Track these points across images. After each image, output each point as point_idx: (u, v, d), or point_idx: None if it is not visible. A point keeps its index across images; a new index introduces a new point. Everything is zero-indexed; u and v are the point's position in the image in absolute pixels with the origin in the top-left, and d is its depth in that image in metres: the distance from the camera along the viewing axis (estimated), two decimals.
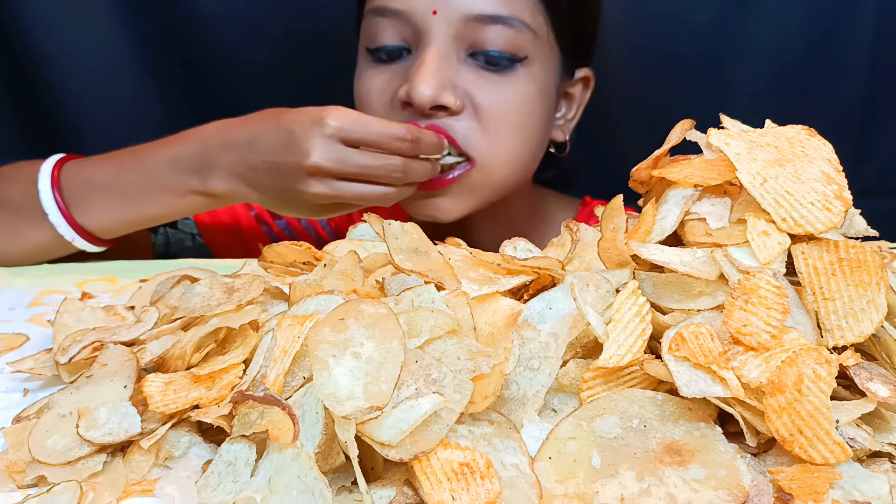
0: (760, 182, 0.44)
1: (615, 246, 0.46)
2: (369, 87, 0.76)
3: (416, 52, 0.74)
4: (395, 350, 0.38)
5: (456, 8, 0.71)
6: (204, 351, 0.46)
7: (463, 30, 0.72)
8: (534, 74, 0.75)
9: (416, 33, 0.73)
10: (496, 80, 0.74)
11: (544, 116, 0.79)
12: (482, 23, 0.72)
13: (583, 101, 0.86)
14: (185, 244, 0.88)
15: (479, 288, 0.43)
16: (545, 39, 0.76)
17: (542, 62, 0.76)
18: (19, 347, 0.56)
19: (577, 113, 0.86)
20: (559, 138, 0.85)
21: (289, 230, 0.91)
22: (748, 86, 0.99)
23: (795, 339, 0.40)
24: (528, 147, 0.78)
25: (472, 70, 0.73)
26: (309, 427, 0.37)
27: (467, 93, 0.73)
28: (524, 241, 0.48)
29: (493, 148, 0.74)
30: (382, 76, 0.76)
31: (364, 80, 0.77)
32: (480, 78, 0.73)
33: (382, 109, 0.75)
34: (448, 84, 0.72)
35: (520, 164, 0.78)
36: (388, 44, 0.75)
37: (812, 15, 0.96)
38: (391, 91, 0.74)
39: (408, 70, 0.73)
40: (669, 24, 0.95)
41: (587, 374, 0.41)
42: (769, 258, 0.43)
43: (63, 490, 0.38)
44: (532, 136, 0.78)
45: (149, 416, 0.42)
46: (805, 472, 0.36)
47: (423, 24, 0.72)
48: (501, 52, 0.73)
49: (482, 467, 0.36)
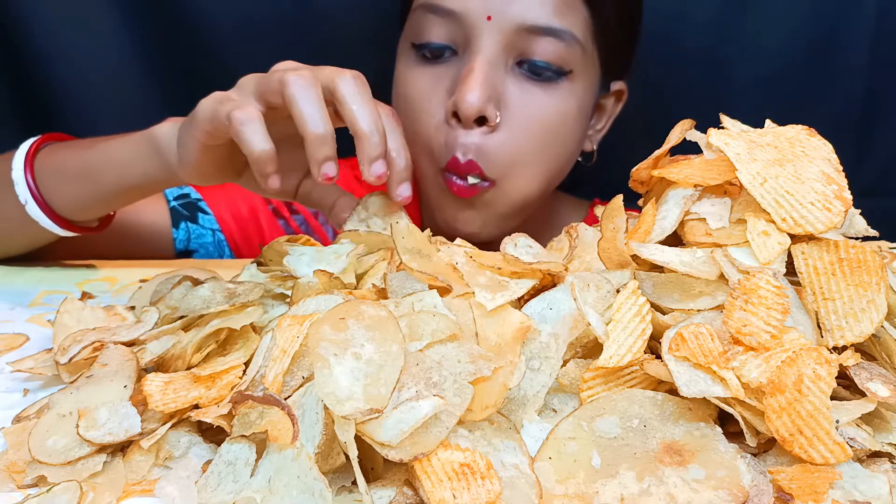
0: (760, 182, 0.44)
1: (615, 246, 0.46)
2: (416, 88, 0.76)
3: (462, 55, 0.73)
4: (395, 353, 0.38)
5: (511, 17, 0.71)
6: (205, 351, 0.46)
7: (514, 39, 0.71)
8: (575, 89, 0.75)
9: (466, 36, 0.72)
10: (538, 92, 0.73)
11: (579, 133, 0.79)
12: (534, 34, 0.71)
13: (613, 112, 0.86)
14: (204, 239, 0.88)
15: (492, 297, 0.43)
16: (591, 55, 0.76)
17: (585, 77, 0.76)
18: (19, 347, 0.56)
19: (607, 125, 0.86)
20: (588, 149, 0.85)
21: (305, 225, 0.92)
22: (748, 86, 0.99)
23: (795, 339, 0.40)
24: (557, 162, 0.78)
25: (517, 80, 0.73)
26: (309, 427, 0.37)
27: (508, 104, 0.73)
28: (524, 236, 0.48)
29: (515, 167, 0.74)
30: (427, 76, 0.75)
31: (409, 79, 0.77)
32: (523, 89, 0.73)
33: (430, 115, 0.74)
34: (493, 95, 0.71)
35: (544, 180, 0.78)
36: (434, 41, 0.74)
37: (812, 15, 0.96)
38: (437, 97, 0.74)
39: (453, 73, 0.73)
40: (669, 24, 0.95)
41: (587, 374, 0.41)
42: (769, 258, 0.43)
43: (63, 490, 0.38)
44: (563, 151, 0.78)
45: (149, 416, 0.42)
46: (805, 472, 0.36)
47: (475, 28, 0.71)
48: (549, 64, 0.72)
49: (482, 468, 0.36)
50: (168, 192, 0.86)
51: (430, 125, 0.74)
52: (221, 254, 0.89)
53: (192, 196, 0.87)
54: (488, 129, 0.72)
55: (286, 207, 0.91)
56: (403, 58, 0.78)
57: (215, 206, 0.88)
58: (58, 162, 0.68)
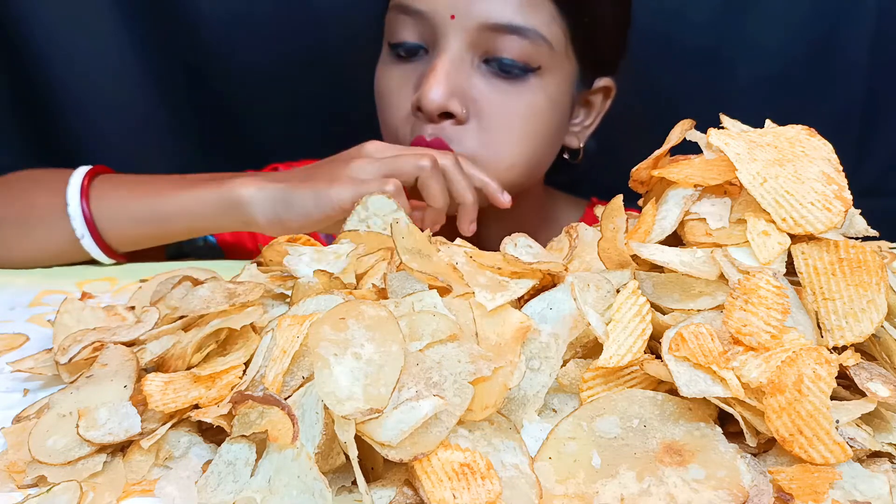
0: (760, 182, 0.44)
1: (615, 246, 0.46)
2: (387, 84, 0.79)
3: (432, 53, 0.75)
4: (394, 354, 0.38)
5: (474, 15, 0.72)
6: (205, 351, 0.46)
7: (478, 37, 0.73)
8: (545, 84, 0.76)
9: (433, 35, 0.74)
10: (506, 88, 0.75)
11: (553, 125, 0.80)
12: (498, 31, 0.72)
13: (602, 109, 0.87)
14: (196, 243, 0.88)
15: (492, 297, 0.43)
16: (562, 51, 0.77)
17: (556, 73, 0.77)
18: (19, 347, 0.56)
19: (596, 120, 0.87)
20: (573, 145, 0.86)
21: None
22: (748, 86, 0.99)
23: (795, 339, 0.40)
24: (533, 154, 0.79)
25: (484, 77, 0.75)
26: (309, 427, 0.37)
27: (475, 100, 0.74)
28: (524, 236, 0.48)
29: (492, 154, 0.75)
30: (399, 74, 0.77)
31: (383, 76, 0.80)
32: (490, 85, 0.75)
33: (397, 108, 0.77)
34: (457, 91, 0.73)
35: (522, 170, 0.79)
36: (407, 41, 0.76)
37: (812, 15, 0.96)
38: (405, 92, 0.76)
39: (422, 71, 0.75)
40: (669, 24, 0.95)
41: (587, 374, 0.41)
42: (769, 258, 0.43)
43: (63, 490, 0.38)
44: (538, 144, 0.79)
45: (149, 416, 0.42)
46: (805, 472, 0.36)
47: (440, 27, 0.73)
48: (514, 61, 0.74)
49: (482, 468, 0.36)
50: None
51: (397, 117, 0.77)
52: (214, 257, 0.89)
53: None
54: (456, 122, 0.74)
55: None
56: (382, 57, 0.81)
57: None
58: (120, 202, 0.71)
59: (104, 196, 0.71)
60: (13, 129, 1.02)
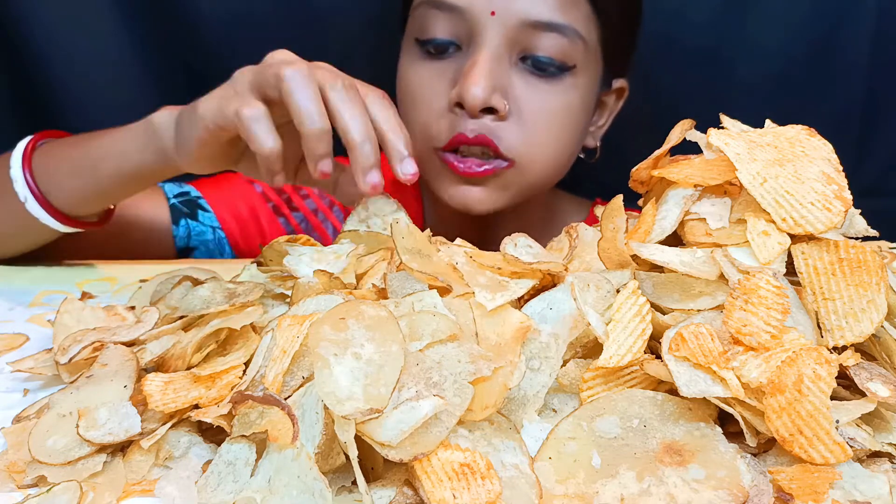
0: (760, 182, 0.44)
1: (615, 246, 0.46)
2: (418, 82, 0.76)
3: (466, 50, 0.74)
4: (394, 354, 0.38)
5: (515, 12, 0.71)
6: (205, 351, 0.46)
7: (518, 34, 0.72)
8: (578, 84, 0.76)
9: (469, 32, 0.73)
10: (543, 86, 0.74)
11: (582, 125, 0.80)
12: (538, 29, 0.72)
13: (614, 109, 0.87)
14: (205, 236, 0.88)
15: (492, 297, 0.43)
16: (594, 51, 0.77)
17: (588, 73, 0.77)
18: (19, 347, 0.56)
19: (608, 121, 0.87)
20: (590, 145, 0.86)
21: (305, 223, 0.92)
22: (748, 86, 0.99)
23: (795, 339, 0.40)
24: (565, 153, 0.79)
25: (521, 75, 0.74)
26: (309, 427, 0.37)
27: (514, 97, 0.73)
28: (524, 236, 0.48)
29: (532, 151, 0.75)
30: (431, 71, 0.76)
31: (412, 73, 0.77)
32: (528, 84, 0.74)
33: (431, 106, 0.75)
34: (499, 87, 0.72)
35: (554, 168, 0.79)
36: (438, 37, 0.74)
37: (812, 15, 0.96)
38: (440, 88, 0.74)
39: (456, 68, 0.74)
40: (670, 24, 0.95)
41: (587, 374, 0.41)
42: (769, 258, 0.43)
43: (63, 490, 0.38)
44: (569, 143, 0.79)
45: (149, 416, 0.42)
46: (805, 472, 0.36)
47: (479, 23, 0.72)
48: (552, 59, 0.73)
49: (482, 468, 0.36)
50: (168, 190, 0.86)
51: (430, 112, 0.75)
52: (222, 251, 0.89)
53: (192, 194, 0.87)
54: (498, 118, 0.73)
55: (286, 205, 0.91)
56: (407, 53, 0.79)
57: (215, 204, 0.88)
58: (56, 158, 0.68)
59: (45, 156, 0.68)
60: (13, 129, 1.02)
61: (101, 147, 0.67)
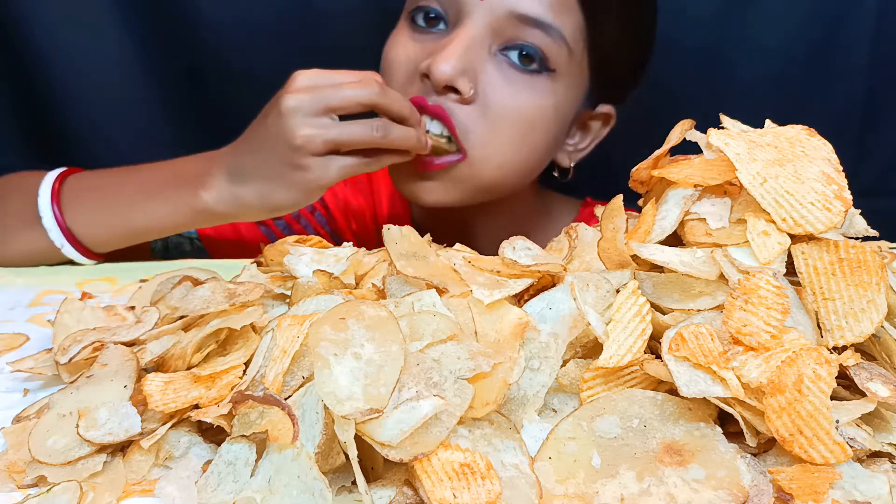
0: (760, 182, 0.44)
1: (615, 246, 0.46)
2: (399, 51, 0.77)
3: (451, 30, 0.74)
4: (395, 354, 0.38)
5: (504, 2, 0.72)
6: (205, 351, 0.46)
7: (503, 24, 0.72)
8: (556, 89, 0.75)
9: (457, 12, 0.73)
10: (517, 80, 0.74)
11: (552, 133, 0.79)
12: (524, 23, 0.72)
13: (598, 135, 0.86)
14: (183, 248, 0.88)
15: (490, 293, 0.43)
16: (578, 62, 0.76)
17: (568, 81, 0.76)
18: (19, 347, 0.56)
19: (590, 146, 0.86)
20: (564, 163, 0.85)
21: (288, 230, 0.91)
22: (748, 85, 0.99)
23: (795, 339, 0.40)
24: (527, 157, 0.78)
25: (498, 65, 0.73)
26: (309, 427, 0.37)
27: (484, 86, 0.73)
28: (523, 239, 0.48)
29: (488, 146, 0.74)
30: (413, 43, 0.76)
31: (395, 42, 0.78)
32: (502, 74, 0.73)
33: (403, 76, 0.75)
34: (469, 70, 0.72)
35: (512, 171, 0.77)
36: (430, 5, 0.75)
37: (812, 15, 0.96)
38: (415, 59, 0.75)
39: (438, 44, 0.74)
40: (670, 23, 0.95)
41: (587, 374, 0.41)
42: (769, 258, 0.43)
43: (63, 490, 0.38)
44: (533, 147, 0.77)
45: (149, 416, 0.42)
46: (805, 472, 0.36)
47: (467, 5, 0.72)
48: (535, 50, 0.73)
49: (482, 468, 0.36)
50: None
51: (400, 80, 0.75)
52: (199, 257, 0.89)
53: None
54: (460, 99, 0.73)
55: None
56: (399, 27, 0.79)
57: None
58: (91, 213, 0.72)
59: (74, 205, 0.72)
60: (13, 129, 1.02)
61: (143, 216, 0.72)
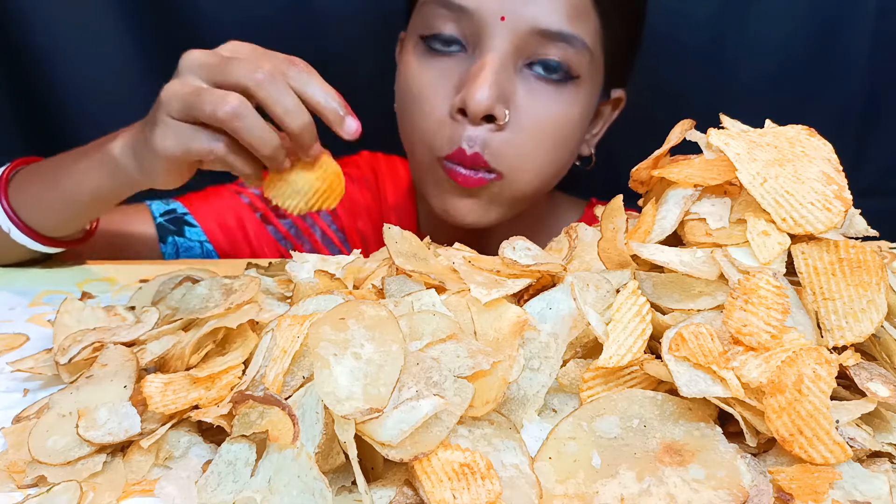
0: (760, 182, 0.44)
1: (615, 246, 0.46)
2: (421, 82, 0.76)
3: (472, 52, 0.74)
4: (394, 353, 0.38)
5: (525, 19, 0.71)
6: (203, 351, 0.46)
7: (526, 41, 0.72)
8: (580, 95, 0.76)
9: (476, 34, 0.72)
10: (545, 93, 0.74)
11: (578, 137, 0.80)
12: (546, 38, 0.72)
13: (609, 119, 0.87)
14: (193, 252, 0.88)
15: (488, 292, 0.43)
16: (598, 63, 0.77)
17: (590, 84, 0.77)
18: (19, 347, 0.56)
19: (602, 130, 0.87)
20: (585, 153, 0.86)
21: (294, 229, 0.92)
22: (748, 85, 0.99)
23: (795, 339, 0.40)
24: (558, 164, 0.79)
25: (525, 81, 0.73)
26: (309, 427, 0.37)
27: (516, 106, 0.73)
28: (522, 239, 0.48)
29: (521, 163, 0.74)
30: (433, 70, 0.75)
31: (414, 71, 0.76)
32: (530, 90, 0.73)
33: (433, 111, 0.74)
34: (503, 96, 0.72)
35: (545, 178, 0.79)
36: (444, 32, 0.74)
37: (812, 14, 0.96)
38: (443, 92, 0.74)
39: (461, 70, 0.73)
40: (670, 23, 0.95)
41: (587, 374, 0.41)
42: (769, 258, 0.43)
43: (63, 490, 0.38)
44: (564, 154, 0.79)
45: (149, 416, 0.42)
46: (805, 472, 0.36)
47: (487, 27, 0.71)
48: (559, 64, 0.73)
49: (482, 468, 0.36)
50: (155, 209, 0.87)
51: (432, 118, 0.74)
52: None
53: (178, 211, 0.88)
54: (496, 128, 0.73)
55: (273, 213, 0.91)
56: (409, 50, 0.78)
57: (202, 219, 0.88)
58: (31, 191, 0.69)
59: (21, 188, 0.70)
60: (13, 129, 1.02)
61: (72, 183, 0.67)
